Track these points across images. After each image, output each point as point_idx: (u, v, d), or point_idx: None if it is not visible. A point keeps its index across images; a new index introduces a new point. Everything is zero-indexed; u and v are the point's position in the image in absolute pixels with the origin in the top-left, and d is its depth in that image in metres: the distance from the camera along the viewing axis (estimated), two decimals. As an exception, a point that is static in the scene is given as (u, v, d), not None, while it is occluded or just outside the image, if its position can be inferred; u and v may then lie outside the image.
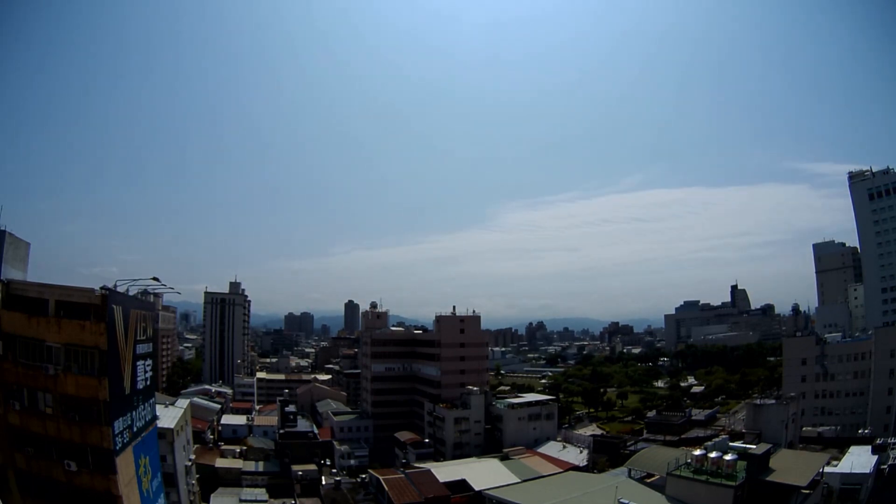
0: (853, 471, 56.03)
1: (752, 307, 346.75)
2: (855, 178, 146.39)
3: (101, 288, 32.48)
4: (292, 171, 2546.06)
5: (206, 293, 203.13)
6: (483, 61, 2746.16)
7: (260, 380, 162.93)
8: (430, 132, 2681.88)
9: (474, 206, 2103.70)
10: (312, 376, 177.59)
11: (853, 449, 63.25)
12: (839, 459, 60.55)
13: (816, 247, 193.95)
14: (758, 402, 77.29)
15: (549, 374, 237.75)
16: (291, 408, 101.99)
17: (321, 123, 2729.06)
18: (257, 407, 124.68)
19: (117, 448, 31.87)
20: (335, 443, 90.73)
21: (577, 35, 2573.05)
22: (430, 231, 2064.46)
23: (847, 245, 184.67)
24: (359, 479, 73.79)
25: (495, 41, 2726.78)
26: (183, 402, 65.56)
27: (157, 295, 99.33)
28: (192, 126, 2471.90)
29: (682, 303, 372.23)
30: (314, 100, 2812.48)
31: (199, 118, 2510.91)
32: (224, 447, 78.93)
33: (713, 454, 49.40)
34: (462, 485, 64.31)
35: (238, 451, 77.92)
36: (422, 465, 73.69)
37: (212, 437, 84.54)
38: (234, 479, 69.30)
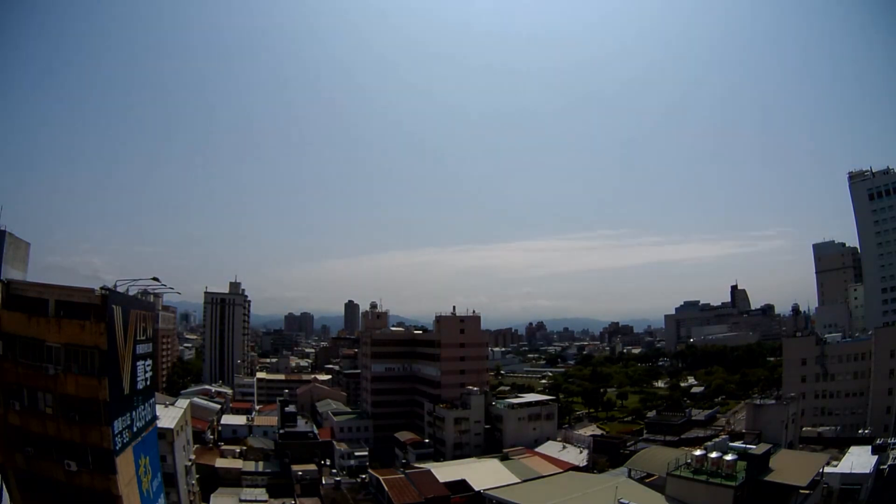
0: (853, 471, 56.03)
1: (752, 307, 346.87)
2: (855, 178, 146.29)
3: (101, 288, 32.48)
4: (294, 172, 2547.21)
5: (206, 293, 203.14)
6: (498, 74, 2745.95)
7: (260, 380, 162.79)
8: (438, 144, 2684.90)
9: (482, 221, 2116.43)
10: (312, 376, 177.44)
11: (853, 449, 63.22)
12: (839, 459, 60.53)
13: (816, 247, 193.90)
14: (758, 402, 77.20)
15: (549, 374, 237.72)
16: (291, 408, 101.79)
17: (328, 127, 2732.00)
18: (257, 407, 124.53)
19: (117, 448, 31.84)
20: (335, 443, 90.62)
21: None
22: (434, 235, 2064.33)
23: (847, 245, 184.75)
24: (359, 479, 73.72)
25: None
26: (183, 402, 65.54)
27: (157, 295, 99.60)
28: (195, 125, 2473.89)
29: (682, 303, 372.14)
30: (321, 103, 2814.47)
31: (203, 117, 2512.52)
32: (224, 447, 78.82)
33: (713, 454, 49.35)
34: (462, 485, 64.26)
35: (238, 451, 77.82)
36: (422, 466, 73.65)
37: (212, 437, 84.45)
38: (234, 480, 69.16)
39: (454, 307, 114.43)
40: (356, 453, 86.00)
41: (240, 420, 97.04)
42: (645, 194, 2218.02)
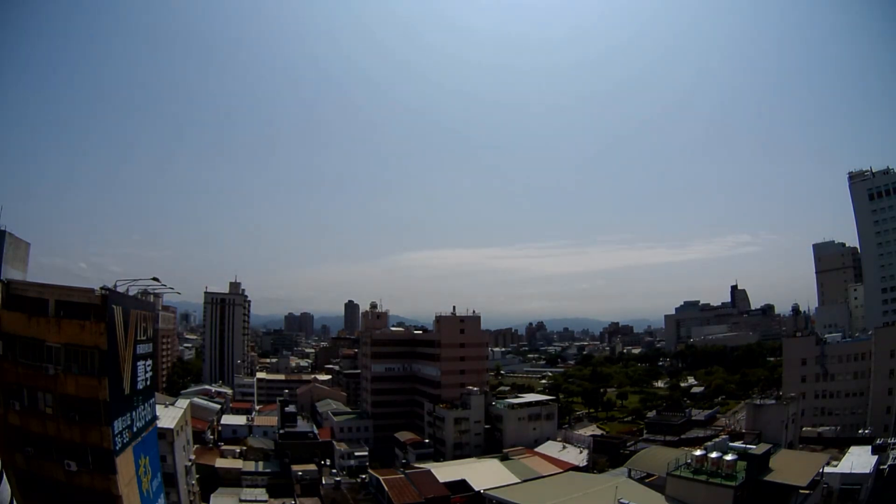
0: (853, 471, 56.00)
1: (752, 307, 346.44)
2: (855, 178, 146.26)
3: (101, 288, 32.48)
4: (296, 177, 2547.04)
5: (206, 293, 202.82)
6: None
7: (260, 380, 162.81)
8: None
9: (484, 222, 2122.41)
10: (312, 376, 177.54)
11: (853, 449, 63.20)
12: (839, 459, 60.49)
13: (816, 247, 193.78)
14: (758, 402, 77.23)
15: (549, 374, 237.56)
16: (291, 408, 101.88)
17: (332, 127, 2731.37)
18: (257, 407, 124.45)
19: (117, 448, 31.86)
20: (335, 443, 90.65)
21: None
22: (435, 237, 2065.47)
23: (847, 245, 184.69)
24: (359, 480, 73.76)
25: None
26: (183, 402, 65.49)
27: (157, 295, 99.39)
28: (198, 127, 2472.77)
29: (682, 303, 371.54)
30: (322, 109, 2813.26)
31: (207, 120, 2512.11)
32: (224, 447, 78.81)
33: (713, 454, 49.34)
34: (462, 485, 64.30)
35: (238, 451, 77.81)
36: (422, 466, 73.67)
37: (212, 437, 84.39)
38: (234, 480, 69.16)
39: (454, 307, 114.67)
40: (356, 453, 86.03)
41: (240, 420, 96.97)
42: (643, 197, 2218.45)
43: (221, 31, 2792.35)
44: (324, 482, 71.01)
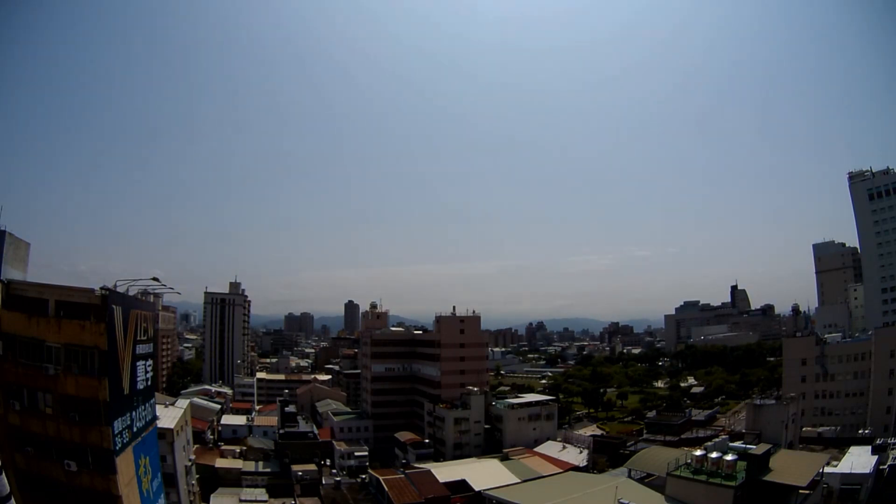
0: (853, 471, 56.12)
1: (752, 307, 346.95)
2: (855, 179, 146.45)
3: (101, 288, 32.49)
4: (298, 177, 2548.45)
5: (206, 293, 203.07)
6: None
7: (260, 380, 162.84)
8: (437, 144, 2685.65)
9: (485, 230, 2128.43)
10: (312, 376, 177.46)
11: (853, 449, 63.34)
12: (839, 460, 60.61)
13: (816, 247, 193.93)
14: (758, 402, 77.27)
15: (549, 374, 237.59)
16: (291, 408, 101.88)
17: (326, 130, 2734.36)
18: (257, 407, 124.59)
19: (117, 448, 31.87)
20: (335, 443, 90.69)
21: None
22: (436, 241, 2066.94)
23: (847, 245, 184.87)
24: (359, 480, 73.80)
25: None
26: (183, 403, 65.54)
27: (157, 295, 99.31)
28: (198, 125, 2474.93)
29: (682, 303, 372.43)
30: (324, 107, 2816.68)
31: (207, 118, 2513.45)
32: (224, 447, 78.81)
33: (713, 454, 49.42)
34: (462, 485, 64.28)
35: (238, 451, 77.82)
36: (422, 466, 73.65)
37: (212, 437, 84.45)
38: (234, 480, 69.16)
39: (454, 307, 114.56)
40: (356, 453, 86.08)
41: (240, 420, 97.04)
42: (643, 197, 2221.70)
43: (228, 34, 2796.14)
44: (324, 482, 71.02)
